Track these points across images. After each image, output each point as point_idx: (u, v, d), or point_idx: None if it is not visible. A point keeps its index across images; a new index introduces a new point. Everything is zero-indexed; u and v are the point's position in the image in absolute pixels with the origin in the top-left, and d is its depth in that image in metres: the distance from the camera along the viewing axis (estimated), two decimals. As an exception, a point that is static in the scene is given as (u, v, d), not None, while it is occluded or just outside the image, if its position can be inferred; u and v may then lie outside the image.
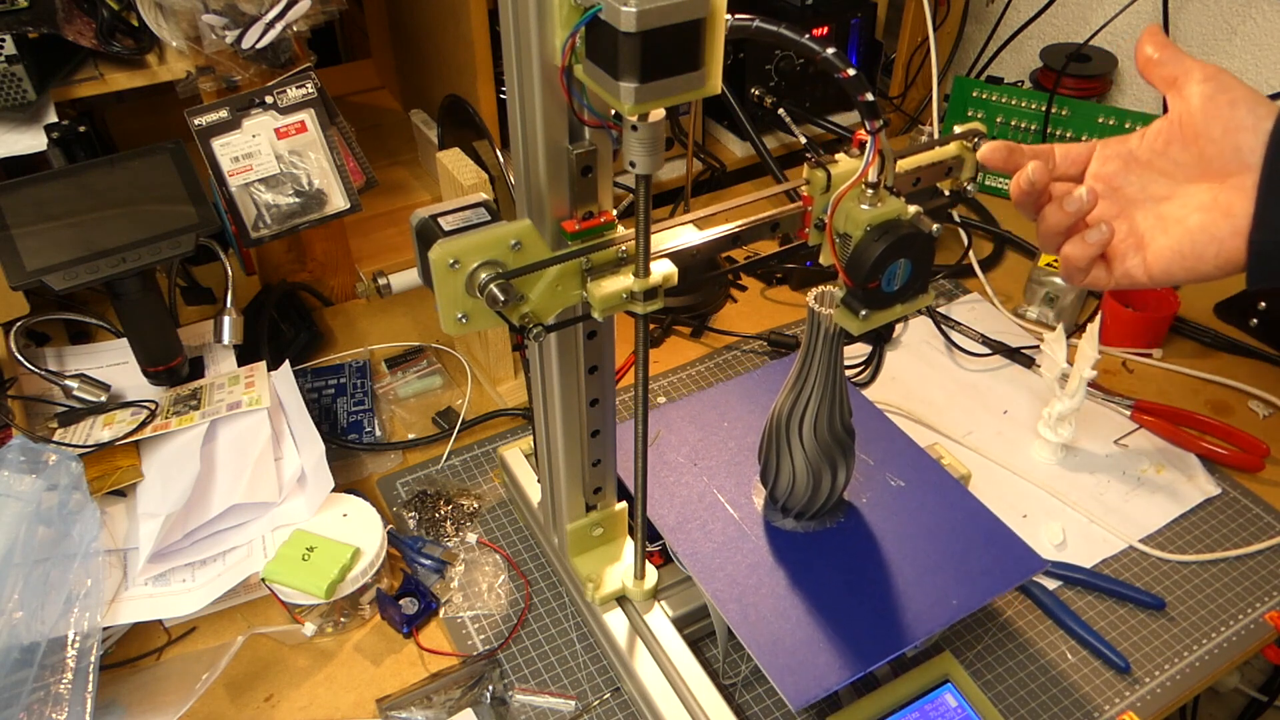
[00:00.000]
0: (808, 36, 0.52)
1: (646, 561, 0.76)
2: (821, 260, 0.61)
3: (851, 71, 0.52)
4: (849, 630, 0.70)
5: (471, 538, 0.88)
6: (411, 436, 0.99)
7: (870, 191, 0.57)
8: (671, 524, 0.78)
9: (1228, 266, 0.56)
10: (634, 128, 0.50)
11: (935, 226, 0.58)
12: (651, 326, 1.13)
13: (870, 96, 0.53)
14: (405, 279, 0.93)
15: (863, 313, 0.60)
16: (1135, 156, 0.61)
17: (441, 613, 0.83)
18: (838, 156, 0.60)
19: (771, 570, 0.75)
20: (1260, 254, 0.54)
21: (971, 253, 1.22)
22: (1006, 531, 0.77)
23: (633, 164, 0.51)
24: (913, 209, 0.58)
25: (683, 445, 0.85)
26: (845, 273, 0.59)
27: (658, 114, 0.49)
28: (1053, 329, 1.02)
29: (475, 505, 0.91)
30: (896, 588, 0.74)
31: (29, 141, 0.87)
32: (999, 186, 1.37)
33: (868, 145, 0.55)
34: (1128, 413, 1.02)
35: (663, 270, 0.58)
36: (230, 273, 0.93)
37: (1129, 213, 0.61)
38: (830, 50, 0.52)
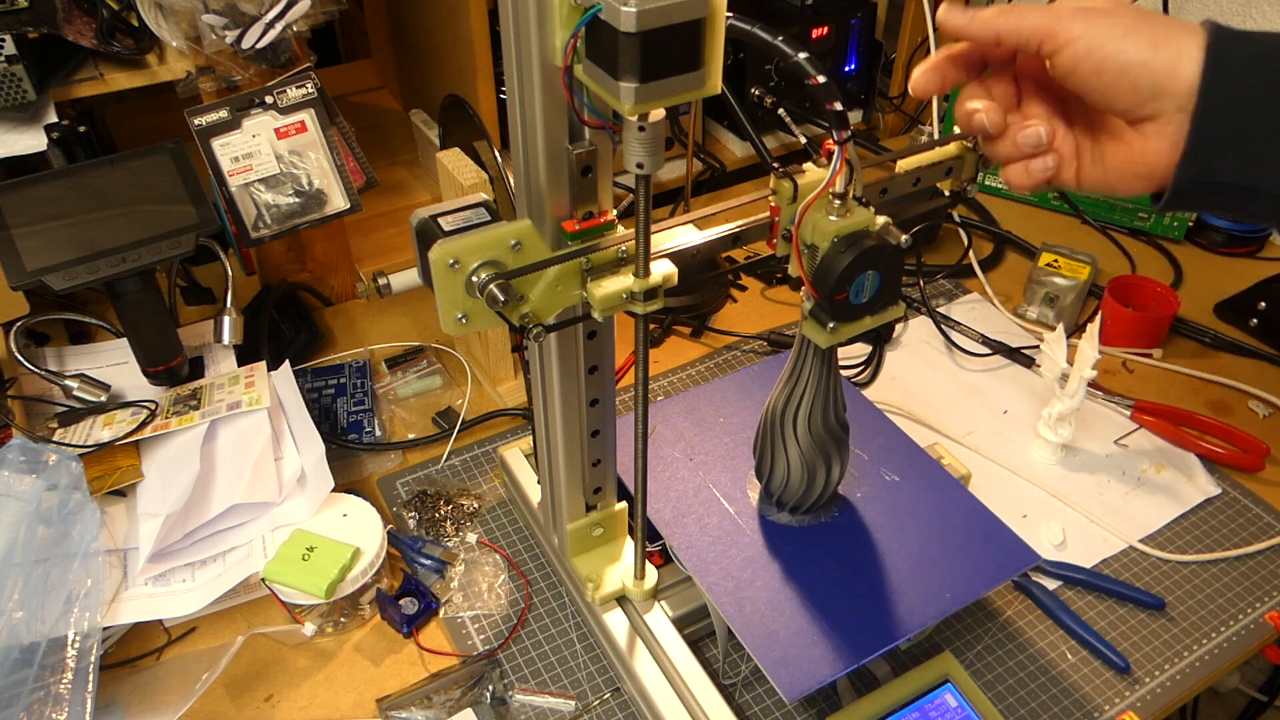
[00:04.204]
0: (782, 39, 0.51)
1: (646, 561, 0.76)
2: (790, 271, 0.60)
3: (821, 79, 0.51)
4: (843, 623, 0.71)
5: (471, 538, 0.88)
6: (411, 436, 0.99)
7: (838, 202, 0.56)
8: (667, 518, 0.78)
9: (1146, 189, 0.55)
10: (641, 129, 0.49)
11: (904, 238, 0.57)
12: (651, 326, 1.13)
13: (839, 105, 0.51)
14: (405, 279, 0.93)
15: (830, 325, 0.59)
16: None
17: (441, 613, 0.83)
18: (805, 166, 0.59)
19: (766, 564, 0.75)
20: (1186, 181, 0.52)
21: (971, 253, 1.22)
22: (1001, 526, 0.78)
23: (640, 165, 0.51)
24: (881, 220, 0.57)
25: (678, 440, 0.85)
26: (812, 285, 0.58)
27: (658, 114, 0.49)
28: (1053, 329, 1.02)
29: (475, 505, 0.91)
30: (890, 581, 0.74)
31: (29, 141, 0.87)
32: (999, 187, 1.37)
33: (835, 155, 0.54)
34: (1128, 413, 1.02)
35: (663, 270, 0.58)
36: (230, 273, 0.93)
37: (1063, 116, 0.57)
38: (802, 55, 0.51)
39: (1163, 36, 0.51)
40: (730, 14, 0.50)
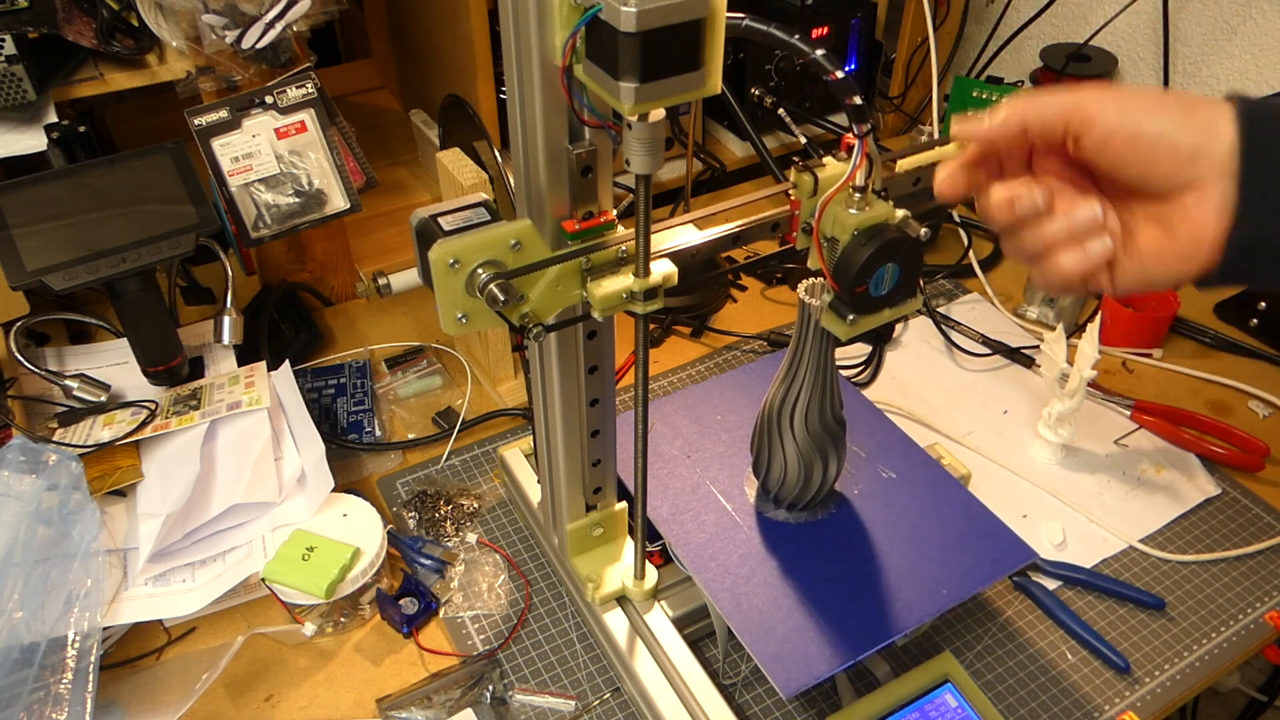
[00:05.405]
0: (798, 36, 0.51)
1: (646, 561, 0.76)
2: (809, 264, 0.61)
3: (840, 74, 0.51)
4: (840, 619, 0.71)
5: (471, 538, 0.88)
6: (411, 436, 0.99)
7: (858, 195, 0.57)
8: (665, 515, 0.78)
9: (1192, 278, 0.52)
10: (633, 127, 0.49)
11: (923, 230, 0.57)
12: (651, 326, 1.13)
13: (858, 100, 0.52)
14: (405, 279, 0.93)
15: (850, 317, 0.60)
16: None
17: (441, 613, 0.83)
18: (825, 160, 0.59)
19: (763, 560, 0.75)
20: (1239, 250, 0.49)
21: (971, 253, 1.22)
22: (997, 523, 0.78)
23: (630, 163, 0.51)
24: (901, 213, 0.58)
25: (676, 438, 0.85)
26: (832, 277, 0.59)
27: (657, 114, 0.49)
28: (1053, 329, 1.02)
29: (475, 505, 0.91)
30: (887, 578, 0.74)
31: (29, 141, 0.87)
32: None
33: (855, 149, 0.54)
34: (1128, 413, 1.02)
35: (663, 270, 0.58)
36: (230, 273, 0.93)
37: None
38: (820, 52, 0.51)
39: (1191, 106, 0.49)
40: (747, 15, 0.51)
